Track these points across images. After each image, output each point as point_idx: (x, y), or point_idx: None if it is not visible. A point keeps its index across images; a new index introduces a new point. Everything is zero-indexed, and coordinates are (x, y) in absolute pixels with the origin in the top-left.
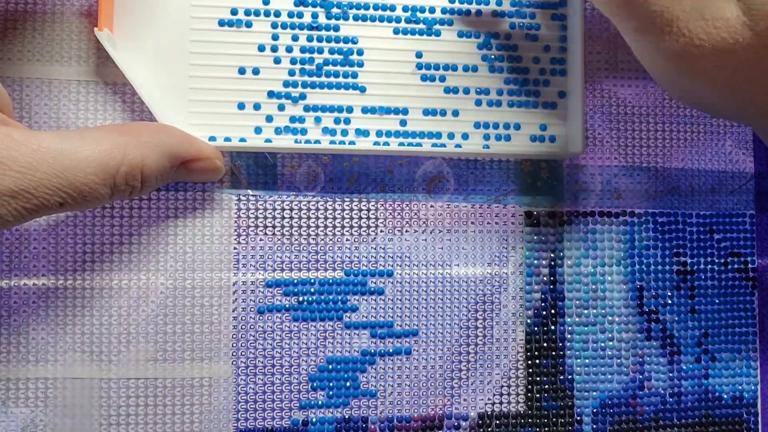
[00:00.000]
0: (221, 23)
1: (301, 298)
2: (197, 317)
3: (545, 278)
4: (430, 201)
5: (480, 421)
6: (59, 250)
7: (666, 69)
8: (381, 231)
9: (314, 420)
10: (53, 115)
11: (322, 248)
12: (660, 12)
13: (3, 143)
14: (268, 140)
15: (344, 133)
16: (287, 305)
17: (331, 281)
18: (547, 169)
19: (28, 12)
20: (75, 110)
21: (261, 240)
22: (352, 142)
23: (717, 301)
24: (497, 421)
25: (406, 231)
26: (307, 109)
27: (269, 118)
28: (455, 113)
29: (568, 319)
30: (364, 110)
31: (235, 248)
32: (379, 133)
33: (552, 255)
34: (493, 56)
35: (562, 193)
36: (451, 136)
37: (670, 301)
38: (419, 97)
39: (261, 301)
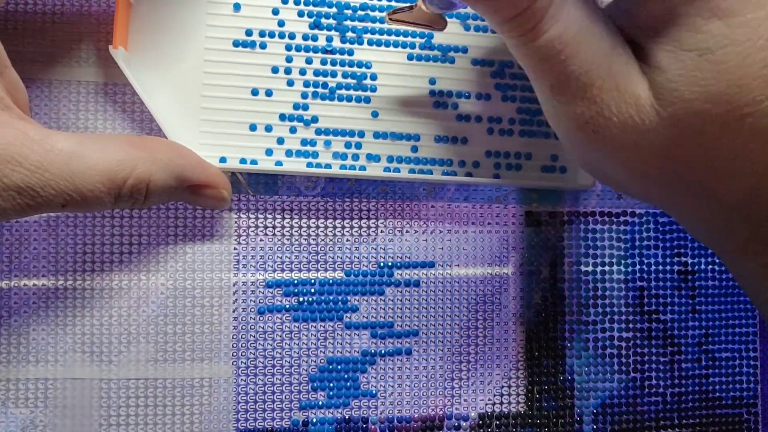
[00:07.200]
0: (235, 44)
1: (301, 299)
2: (197, 318)
3: (546, 278)
4: (431, 201)
5: (480, 422)
6: (59, 251)
7: (575, 135)
8: (381, 231)
9: (314, 420)
10: (53, 116)
11: (323, 248)
12: (578, 74)
13: (18, 139)
14: (278, 163)
15: (355, 157)
16: (287, 305)
17: (331, 281)
18: None
19: (28, 12)
20: (75, 111)
21: (261, 240)
22: (362, 167)
23: (718, 301)
24: (497, 422)
25: (407, 231)
26: (318, 132)
27: (280, 141)
28: (467, 141)
29: (569, 319)
30: (376, 135)
31: (235, 248)
32: (390, 159)
33: (553, 255)
34: (506, 84)
35: (563, 192)
36: (462, 163)
37: (670, 301)
38: (431, 123)
39: (261, 301)
